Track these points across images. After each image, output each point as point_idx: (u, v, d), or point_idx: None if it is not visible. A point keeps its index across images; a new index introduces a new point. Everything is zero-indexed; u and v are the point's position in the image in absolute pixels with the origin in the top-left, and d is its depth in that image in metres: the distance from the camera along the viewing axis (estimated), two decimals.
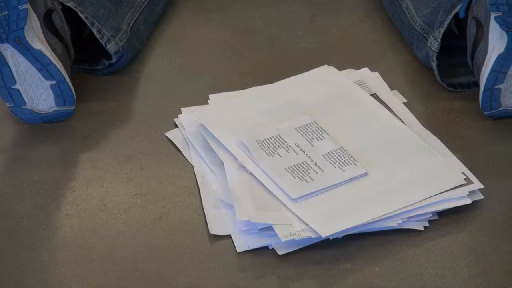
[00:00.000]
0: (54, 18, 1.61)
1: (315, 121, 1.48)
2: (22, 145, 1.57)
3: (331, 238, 1.23)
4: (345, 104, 1.56)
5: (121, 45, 1.70)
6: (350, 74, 1.63)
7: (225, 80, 1.67)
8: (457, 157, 1.41)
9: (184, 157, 1.47)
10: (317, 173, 1.35)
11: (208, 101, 1.60)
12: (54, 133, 1.57)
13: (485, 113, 1.53)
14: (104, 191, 1.40)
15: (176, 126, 1.55)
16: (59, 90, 1.57)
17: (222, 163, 1.40)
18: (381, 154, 1.43)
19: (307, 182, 1.33)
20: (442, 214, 1.29)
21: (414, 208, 1.29)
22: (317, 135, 1.44)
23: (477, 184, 1.33)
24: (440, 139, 1.46)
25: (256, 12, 1.87)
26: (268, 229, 1.25)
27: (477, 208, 1.31)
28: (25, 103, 1.56)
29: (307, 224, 1.25)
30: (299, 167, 1.37)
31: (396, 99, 1.57)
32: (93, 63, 1.73)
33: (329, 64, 1.66)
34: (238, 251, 1.24)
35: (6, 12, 1.51)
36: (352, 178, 1.35)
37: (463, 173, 1.35)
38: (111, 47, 1.68)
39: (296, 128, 1.46)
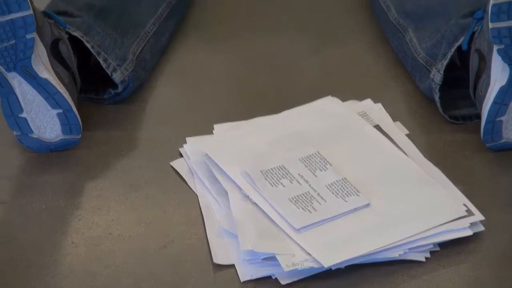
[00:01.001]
0: (61, 47, 1.62)
1: (318, 152, 1.49)
2: (28, 173, 1.58)
3: (333, 268, 1.24)
4: (348, 135, 1.56)
5: (127, 74, 1.70)
6: (353, 105, 1.64)
7: (230, 110, 1.68)
8: (459, 189, 1.41)
9: (189, 186, 1.47)
10: (320, 203, 1.36)
11: (213, 131, 1.60)
12: (61, 162, 1.58)
13: (487, 145, 1.54)
14: (110, 219, 1.41)
15: (181, 156, 1.55)
16: (65, 119, 1.57)
17: (226, 193, 1.41)
18: (383, 185, 1.43)
19: (310, 212, 1.34)
20: (443, 245, 1.29)
21: (415, 239, 1.29)
22: (320, 165, 1.45)
23: (478, 216, 1.33)
24: (442, 171, 1.47)
25: (261, 41, 1.88)
26: (271, 258, 1.26)
27: (478, 239, 1.32)
28: (32, 131, 1.57)
29: (309, 254, 1.26)
30: (302, 197, 1.38)
31: (398, 131, 1.57)
32: (99, 92, 1.73)
33: (332, 95, 1.67)
34: (241, 281, 1.25)
35: (13, 41, 1.53)
36: (355, 208, 1.36)
37: (464, 205, 1.36)
38: (117, 77, 1.69)
39: (299, 159, 1.47)
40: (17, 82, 1.57)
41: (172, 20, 1.89)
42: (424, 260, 1.29)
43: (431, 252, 1.29)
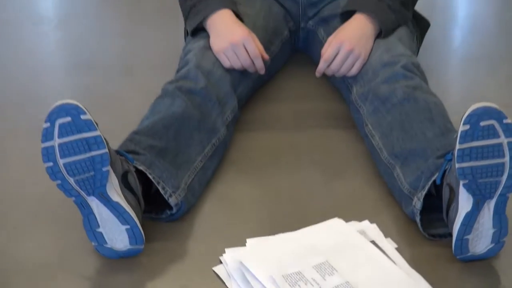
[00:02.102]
0: (129, 178, 1.64)
1: (327, 261, 1.54)
2: (103, 275, 1.59)
3: None
4: (350, 248, 1.59)
5: (180, 199, 1.71)
6: (354, 225, 1.67)
7: (258, 228, 1.69)
8: None
9: (227, 287, 1.51)
10: None
11: (246, 243, 1.62)
12: (128, 266, 1.60)
13: (457, 257, 1.57)
14: None
15: (221, 262, 1.57)
16: (132, 233, 1.59)
17: None
18: None
19: None
20: None
21: None
22: (328, 271, 1.50)
23: None
24: (424, 278, 1.50)
25: (283, 175, 1.87)
26: None
27: None
28: (106, 242, 1.59)
29: None
30: None
31: (389, 245, 1.61)
32: (158, 212, 1.72)
33: (338, 217, 1.69)
34: None
35: (93, 173, 1.56)
36: None
37: None
38: (172, 201, 1.69)
39: (313, 266, 1.52)
40: (95, 204, 1.58)
41: (215, 158, 1.86)
42: None
43: None
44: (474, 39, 2.38)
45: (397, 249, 1.60)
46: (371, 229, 1.66)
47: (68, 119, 1.55)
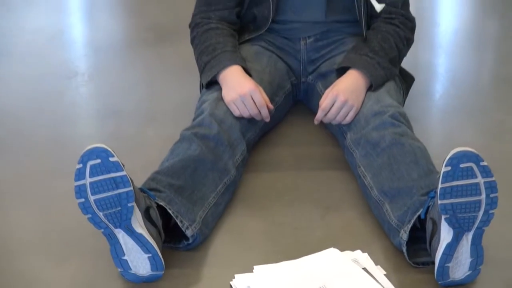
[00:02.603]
0: (151, 212, 1.65)
1: (325, 286, 1.55)
2: None
3: None
4: (345, 275, 1.60)
5: (195, 231, 1.70)
6: (348, 254, 1.67)
7: (265, 257, 1.68)
8: None
9: None
10: None
11: (254, 270, 1.62)
12: None
13: (439, 282, 1.57)
14: None
15: (232, 287, 1.58)
16: (153, 260, 1.59)
17: None
18: None
19: None
20: None
21: None
22: None
23: None
24: None
25: (286, 210, 1.86)
26: None
27: None
28: (130, 269, 1.59)
29: None
30: None
31: (379, 272, 1.61)
32: (176, 242, 1.72)
33: (334, 247, 1.69)
34: None
35: (119, 208, 1.57)
36: None
37: None
38: (188, 233, 1.69)
39: None
40: (121, 235, 1.59)
41: (226, 195, 1.85)
42: None
43: None
44: (453, 92, 2.38)
45: (386, 275, 1.60)
46: (363, 258, 1.66)
47: (98, 160, 1.56)
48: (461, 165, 1.52)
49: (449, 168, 1.53)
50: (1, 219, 1.87)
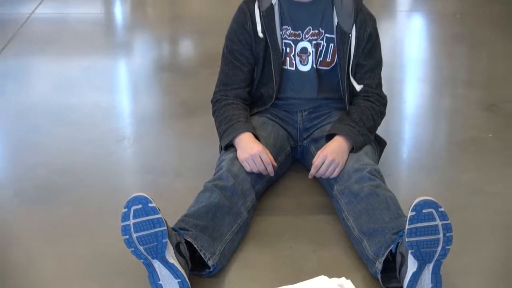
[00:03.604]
0: (180, 246, 1.65)
1: None
2: None
3: None
4: None
5: (215, 262, 1.69)
6: (335, 280, 1.65)
7: (269, 282, 1.66)
8: None
9: None
10: None
11: None
12: None
13: None
14: None
15: None
16: (182, 285, 1.59)
17: None
18: None
19: None
20: None
21: None
22: None
23: None
24: None
25: (286, 246, 1.83)
26: None
27: None
28: None
29: None
30: None
31: None
32: (200, 270, 1.70)
33: (324, 275, 1.68)
34: None
35: (156, 243, 1.58)
36: None
37: None
38: (210, 263, 1.68)
39: None
40: (157, 264, 1.59)
41: (240, 234, 1.83)
42: None
43: None
44: (416, 154, 2.37)
45: None
46: (347, 283, 1.64)
47: (140, 206, 1.57)
48: (424, 211, 1.53)
49: (414, 213, 1.53)
50: (62, 248, 1.86)
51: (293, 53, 2.07)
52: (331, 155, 1.94)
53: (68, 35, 3.26)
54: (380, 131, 2.15)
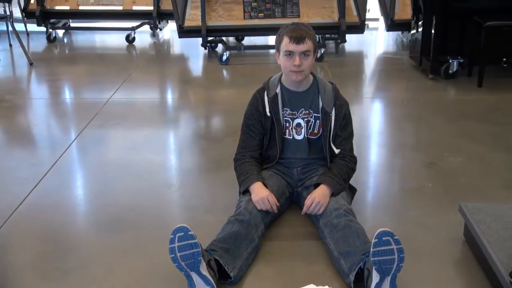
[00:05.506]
0: (211, 263, 1.65)
1: None
2: None
3: None
4: None
5: (235, 274, 1.69)
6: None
7: None
8: None
9: None
10: None
11: None
12: None
13: None
14: None
15: None
16: None
17: None
18: None
19: None
20: None
21: None
22: None
23: None
24: None
25: (284, 263, 1.81)
26: None
27: None
28: None
29: None
30: None
31: None
32: (225, 280, 1.69)
33: (313, 283, 1.65)
34: None
35: (193, 260, 1.59)
36: None
37: None
38: (231, 274, 1.68)
39: None
40: (194, 275, 1.60)
41: (253, 254, 1.80)
42: None
43: None
44: (377, 199, 2.34)
45: None
46: None
47: (182, 233, 1.58)
48: (383, 238, 1.53)
49: (376, 240, 1.54)
50: (128, 263, 1.83)
51: (291, 126, 2.10)
52: (318, 198, 1.93)
53: (135, 113, 3.31)
54: (352, 181, 2.15)
